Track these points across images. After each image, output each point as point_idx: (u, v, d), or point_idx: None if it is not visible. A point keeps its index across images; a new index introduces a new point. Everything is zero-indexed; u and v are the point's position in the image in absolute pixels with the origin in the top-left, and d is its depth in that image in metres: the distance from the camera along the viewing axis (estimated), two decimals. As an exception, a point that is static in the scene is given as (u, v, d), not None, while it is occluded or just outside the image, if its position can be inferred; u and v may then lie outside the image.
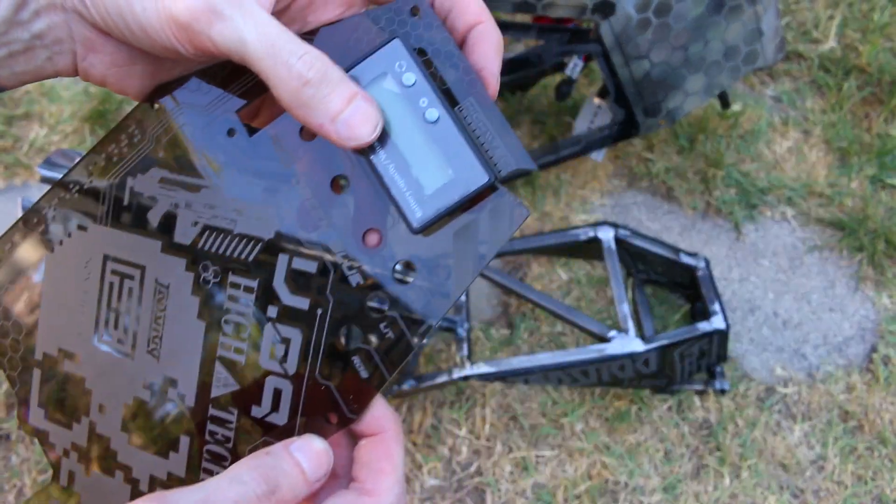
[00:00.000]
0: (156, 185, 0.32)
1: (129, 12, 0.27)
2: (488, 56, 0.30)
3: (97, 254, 0.32)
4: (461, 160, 0.28)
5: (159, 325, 0.31)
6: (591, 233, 1.25)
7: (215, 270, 0.31)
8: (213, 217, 0.31)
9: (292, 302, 0.30)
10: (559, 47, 1.25)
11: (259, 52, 0.26)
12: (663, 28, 1.16)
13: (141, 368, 0.31)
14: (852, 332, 1.36)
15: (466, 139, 0.28)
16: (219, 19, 0.26)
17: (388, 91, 0.29)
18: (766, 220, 1.50)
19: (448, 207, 0.28)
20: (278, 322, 0.30)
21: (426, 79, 0.29)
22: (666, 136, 1.58)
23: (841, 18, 1.75)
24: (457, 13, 0.30)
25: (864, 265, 1.43)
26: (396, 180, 0.29)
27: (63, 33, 0.28)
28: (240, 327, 0.30)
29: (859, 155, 1.57)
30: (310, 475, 0.28)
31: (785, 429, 1.25)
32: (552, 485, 1.18)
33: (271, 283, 0.30)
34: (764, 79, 1.71)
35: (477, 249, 0.29)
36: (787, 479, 1.21)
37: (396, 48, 0.29)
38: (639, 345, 1.13)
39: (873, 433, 1.25)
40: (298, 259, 0.30)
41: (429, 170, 0.29)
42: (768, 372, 1.31)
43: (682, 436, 1.24)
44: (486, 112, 0.29)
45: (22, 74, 0.28)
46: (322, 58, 0.27)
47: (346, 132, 0.27)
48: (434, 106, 0.29)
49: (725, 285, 1.40)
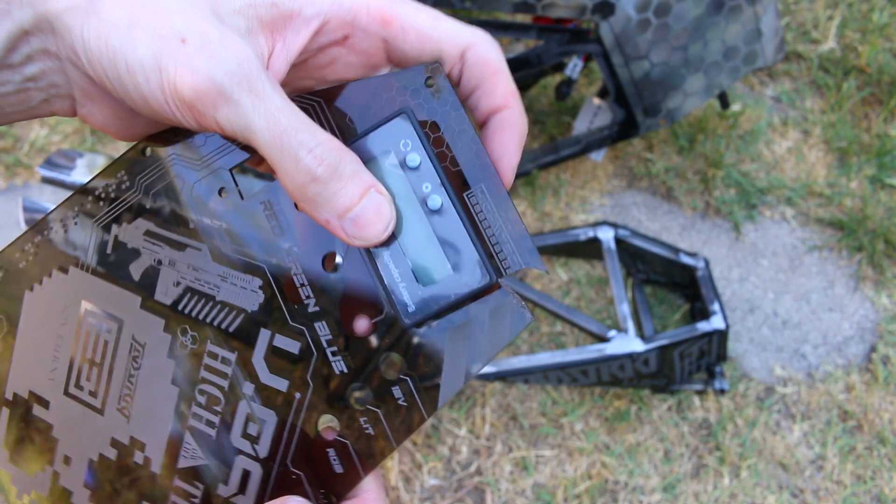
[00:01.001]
0: (140, 237, 0.30)
1: (130, 81, 0.25)
2: (508, 147, 0.27)
3: (76, 300, 0.31)
4: (462, 256, 0.26)
5: (132, 383, 0.30)
6: (590, 233, 1.25)
7: (193, 336, 0.29)
8: (196, 280, 0.29)
9: (270, 381, 0.28)
10: (559, 47, 1.25)
11: (267, 141, 0.24)
12: (663, 28, 1.17)
13: (109, 425, 0.30)
14: (852, 331, 1.36)
15: (470, 232, 0.26)
16: (226, 103, 0.24)
17: (391, 171, 0.27)
18: (765, 220, 1.50)
19: (442, 306, 0.26)
20: (253, 401, 0.28)
21: (432, 162, 0.26)
22: (665, 137, 1.58)
23: (840, 19, 1.75)
24: (483, 92, 0.28)
25: (864, 265, 1.43)
26: (391, 269, 0.27)
27: (59, 79, 0.27)
28: (213, 400, 0.29)
29: (859, 155, 1.57)
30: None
31: (784, 428, 1.25)
32: (552, 484, 1.19)
33: (250, 358, 0.28)
34: (763, 79, 1.71)
35: (471, 355, 0.26)
36: (787, 478, 1.21)
37: (402, 124, 0.27)
38: (638, 345, 1.13)
39: (872, 433, 1.25)
40: (281, 337, 0.28)
41: (426, 262, 0.26)
42: (768, 372, 1.31)
43: (681, 435, 1.24)
44: (496, 202, 0.26)
45: (13, 115, 0.27)
46: (335, 151, 0.25)
47: (354, 231, 0.25)
48: (438, 193, 0.26)
49: (725, 285, 1.40)
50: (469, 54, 0.27)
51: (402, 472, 1.18)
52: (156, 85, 0.24)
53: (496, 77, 0.27)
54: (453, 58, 0.27)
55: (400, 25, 0.27)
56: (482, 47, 0.27)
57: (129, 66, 0.24)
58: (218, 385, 0.29)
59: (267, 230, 0.28)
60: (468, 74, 0.28)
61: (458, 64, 0.28)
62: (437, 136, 0.27)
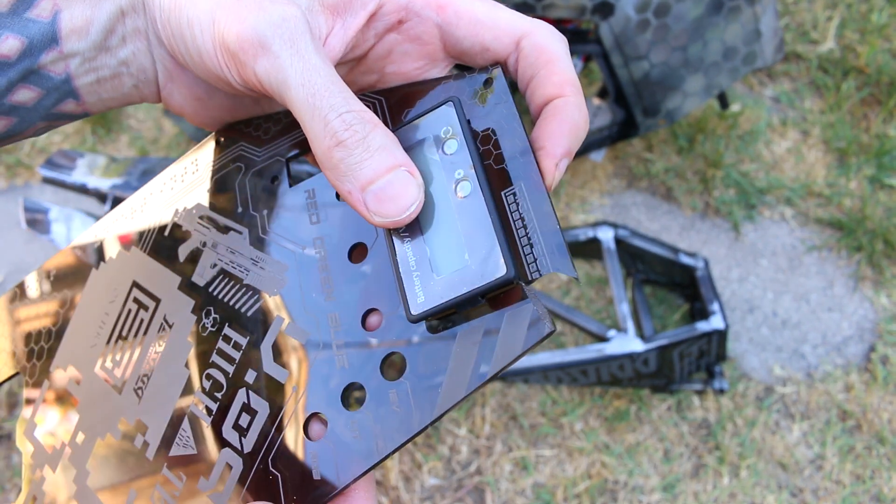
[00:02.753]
0: (195, 220, 0.31)
1: (189, 35, 0.26)
2: (554, 135, 0.25)
3: (127, 278, 0.32)
4: (483, 246, 0.24)
5: (152, 364, 0.30)
6: (590, 233, 1.26)
7: (215, 319, 0.29)
8: (231, 262, 0.29)
9: (272, 371, 0.27)
10: (559, 48, 1.25)
11: (299, 99, 0.24)
12: (662, 29, 1.17)
13: (123, 405, 0.30)
14: (851, 331, 1.36)
15: (495, 223, 0.24)
16: (266, 54, 0.24)
17: (427, 157, 0.26)
18: (764, 220, 1.50)
19: (454, 299, 0.24)
20: (252, 389, 0.27)
21: (469, 149, 0.25)
22: (665, 137, 1.59)
23: (839, 19, 1.76)
24: (539, 81, 0.26)
25: (863, 265, 1.43)
26: (408, 258, 0.25)
27: (147, 61, 0.28)
28: (216, 385, 0.28)
29: (858, 155, 1.57)
30: None
31: (784, 428, 1.26)
32: (552, 484, 1.19)
33: (259, 344, 0.27)
34: (763, 79, 1.71)
35: (479, 361, 0.24)
36: (786, 478, 1.21)
37: (447, 112, 0.26)
38: (638, 344, 1.13)
39: (871, 432, 1.25)
40: (293, 325, 0.27)
41: (445, 251, 0.25)
42: (767, 371, 1.31)
43: (681, 435, 1.24)
44: (533, 202, 0.24)
45: (109, 101, 0.28)
46: (367, 120, 0.24)
47: (375, 206, 0.24)
48: (469, 180, 0.25)
49: (724, 285, 1.40)
50: (524, 42, 0.27)
51: (402, 471, 1.18)
52: (209, 36, 0.25)
53: (552, 65, 0.26)
54: (508, 46, 0.27)
55: (454, 11, 0.27)
56: (540, 35, 0.26)
57: (190, 20, 0.25)
58: (224, 370, 0.28)
59: (304, 219, 0.28)
60: (524, 64, 0.27)
61: (514, 53, 0.27)
62: (486, 132, 0.26)
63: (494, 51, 0.27)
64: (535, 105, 0.27)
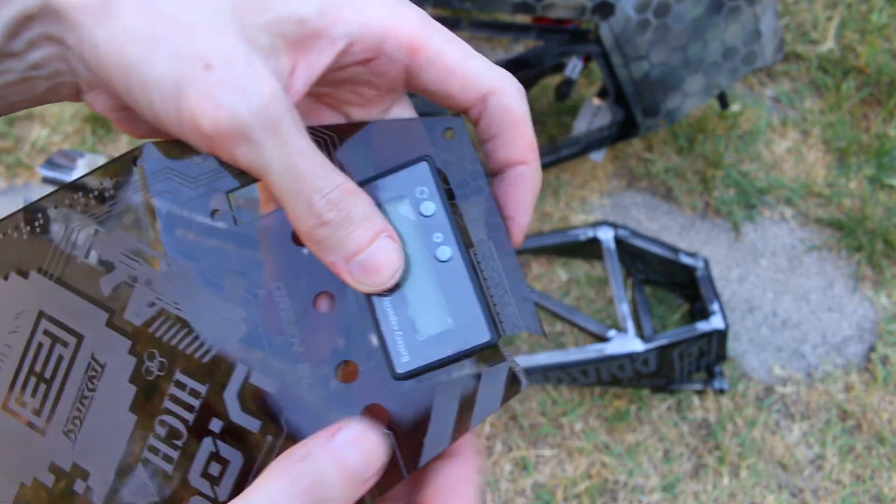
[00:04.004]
0: (118, 252, 0.28)
1: (143, 96, 0.23)
2: (521, 205, 0.26)
3: (31, 307, 0.28)
4: (465, 311, 0.25)
5: (84, 405, 0.27)
6: (590, 233, 1.26)
7: (161, 363, 0.27)
8: (173, 303, 0.27)
9: (241, 420, 0.26)
10: (559, 48, 1.25)
11: (282, 184, 0.23)
12: (662, 29, 1.17)
13: (51, 448, 0.28)
14: (851, 331, 1.36)
15: (476, 288, 0.25)
16: (246, 143, 0.23)
17: (403, 217, 0.26)
18: (764, 220, 1.50)
19: (439, 360, 0.25)
20: (219, 439, 0.26)
21: (446, 212, 0.26)
22: (665, 137, 1.59)
23: (839, 19, 1.76)
24: (502, 142, 0.27)
25: (863, 265, 1.43)
26: (389, 316, 0.25)
27: (63, 66, 0.25)
28: (175, 433, 0.27)
29: (858, 155, 1.57)
30: (363, 473, 0.23)
31: (784, 428, 1.26)
32: (552, 484, 1.19)
33: (222, 392, 0.26)
34: (763, 79, 1.71)
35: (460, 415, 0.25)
36: (786, 478, 1.21)
37: (423, 171, 0.26)
38: (638, 344, 1.13)
39: (871, 432, 1.25)
40: (258, 374, 0.26)
41: (427, 313, 0.25)
42: (767, 371, 1.31)
43: (681, 435, 1.24)
44: (503, 261, 0.26)
45: (20, 103, 0.26)
46: (349, 196, 0.24)
47: (361, 276, 0.25)
48: (448, 244, 0.26)
49: (724, 285, 1.40)
50: (492, 100, 0.26)
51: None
52: (172, 108, 0.23)
53: (518, 129, 0.26)
54: (474, 100, 0.26)
55: (426, 57, 0.26)
56: (507, 95, 0.26)
57: (144, 83, 0.23)
58: (181, 417, 0.26)
59: (258, 260, 0.27)
60: (488, 121, 0.27)
61: (479, 107, 0.26)
62: (448, 188, 0.26)
63: (459, 101, 0.26)
64: (496, 163, 0.27)
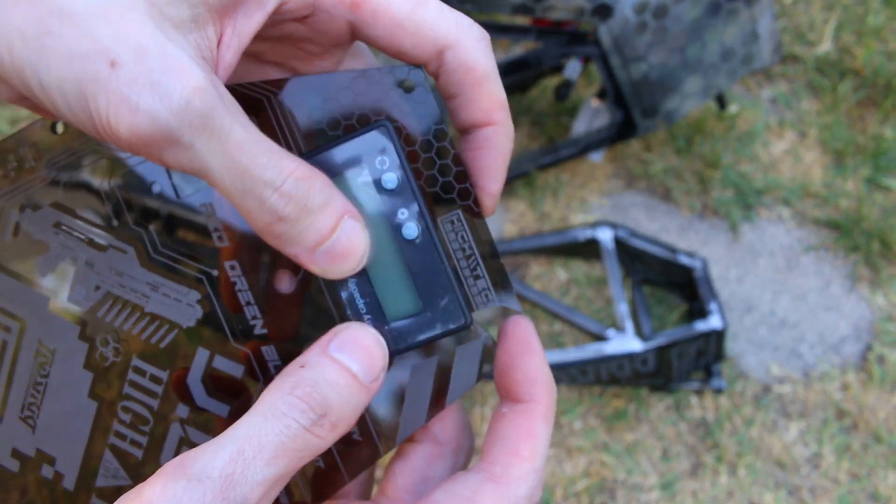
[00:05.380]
0: (49, 229, 0.25)
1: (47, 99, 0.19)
2: (490, 170, 0.24)
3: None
4: (435, 292, 0.23)
5: (38, 392, 0.26)
6: (589, 233, 1.26)
7: (116, 349, 0.25)
8: (119, 286, 0.25)
9: (208, 405, 0.25)
10: (558, 49, 1.26)
11: (226, 183, 0.20)
12: (661, 30, 1.18)
13: (10, 434, 0.27)
14: (848, 331, 1.37)
15: (445, 267, 0.23)
16: (174, 146, 0.19)
17: (363, 190, 0.23)
18: (762, 220, 1.51)
19: (409, 345, 0.24)
20: (188, 424, 0.25)
21: (410, 184, 0.23)
22: (664, 138, 1.59)
23: (836, 21, 1.76)
24: (463, 101, 0.24)
25: (860, 265, 1.44)
26: (355, 299, 0.23)
27: None
28: (140, 419, 0.25)
29: (854, 156, 1.58)
30: (364, 377, 0.22)
31: (781, 427, 1.26)
32: (551, 483, 1.19)
33: (185, 378, 0.25)
34: (760, 81, 1.72)
35: (435, 393, 0.24)
36: (783, 476, 1.22)
37: (379, 137, 0.23)
38: (637, 344, 1.14)
39: (868, 431, 1.26)
40: (221, 358, 0.25)
41: (394, 296, 0.23)
42: (765, 371, 1.32)
43: (679, 434, 1.25)
44: (473, 231, 0.24)
45: None
46: (304, 183, 0.21)
47: (326, 264, 0.22)
48: (414, 220, 0.23)
49: (723, 285, 1.41)
50: (449, 55, 0.23)
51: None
52: (82, 113, 0.19)
53: (481, 86, 0.23)
54: (429, 55, 0.23)
55: (371, 10, 0.23)
56: (465, 48, 0.23)
57: (44, 86, 0.19)
58: (145, 404, 0.25)
59: (207, 237, 0.25)
60: (447, 79, 0.23)
61: (436, 62, 0.23)
62: (412, 150, 0.24)
63: (413, 57, 0.23)
64: (460, 124, 0.24)
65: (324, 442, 0.21)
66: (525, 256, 1.42)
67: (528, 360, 0.25)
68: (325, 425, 0.21)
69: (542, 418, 0.24)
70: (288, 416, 0.20)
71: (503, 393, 0.25)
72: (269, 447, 0.20)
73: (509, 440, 0.24)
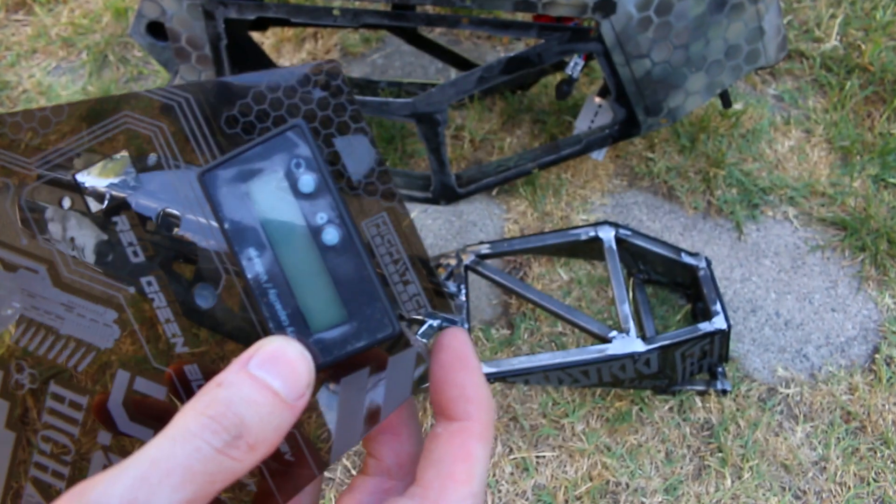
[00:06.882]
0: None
1: None
2: None
3: None
4: (360, 300, 0.22)
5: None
6: (591, 232, 1.25)
7: (32, 375, 0.24)
8: (32, 307, 0.24)
9: (131, 430, 0.24)
10: (559, 46, 1.24)
11: None
12: (664, 27, 1.16)
13: None
14: (854, 332, 1.35)
15: (372, 273, 0.22)
16: None
17: (278, 195, 0.22)
18: (767, 219, 1.49)
19: (336, 357, 0.22)
20: (111, 452, 0.24)
21: (328, 187, 0.22)
22: (667, 136, 1.58)
23: (843, 17, 1.74)
24: None
25: (867, 265, 1.42)
26: (277, 309, 0.22)
27: None
28: (61, 448, 0.24)
29: (861, 154, 1.56)
30: (287, 395, 0.20)
31: (787, 429, 1.25)
32: (553, 486, 1.18)
33: (105, 403, 0.24)
34: (766, 77, 1.70)
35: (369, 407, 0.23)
36: (789, 479, 1.20)
37: (294, 139, 0.22)
38: (640, 345, 1.12)
39: (876, 434, 1.24)
40: (143, 379, 0.24)
41: (318, 306, 0.22)
42: (770, 372, 1.30)
43: (683, 436, 1.23)
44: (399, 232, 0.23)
45: None
46: None
47: None
48: (335, 226, 0.22)
49: (727, 285, 1.39)
50: None
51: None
52: None
53: None
54: None
55: None
56: None
57: None
58: (66, 432, 0.24)
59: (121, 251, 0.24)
60: None
61: None
62: (332, 150, 0.23)
63: None
64: None
65: (241, 465, 0.19)
66: (526, 256, 1.40)
67: (463, 376, 0.24)
68: (241, 447, 0.19)
69: (479, 438, 0.23)
70: (199, 438, 0.19)
71: (437, 410, 0.24)
72: (177, 471, 0.18)
73: (444, 462, 0.22)
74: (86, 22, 1.79)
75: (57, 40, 1.76)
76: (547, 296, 1.24)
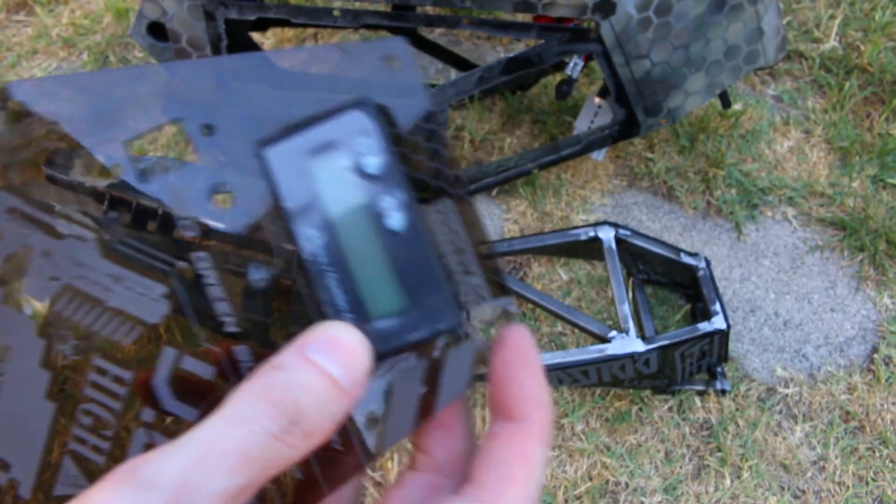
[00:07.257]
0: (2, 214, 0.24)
1: None
2: None
3: None
4: (422, 290, 0.21)
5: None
6: (591, 232, 1.25)
7: (76, 346, 0.24)
8: (79, 278, 0.23)
9: (175, 409, 0.23)
10: (559, 47, 1.25)
11: None
12: (664, 27, 1.16)
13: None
14: (853, 332, 1.35)
15: (434, 262, 0.21)
16: None
17: (341, 175, 0.21)
18: (767, 220, 1.49)
19: (395, 348, 0.22)
20: (154, 429, 0.23)
21: (395, 171, 0.21)
22: (667, 136, 1.58)
23: (842, 18, 1.75)
24: None
25: (866, 265, 1.43)
26: (335, 295, 0.21)
27: None
28: (102, 423, 0.24)
29: (860, 155, 1.56)
30: (345, 382, 0.20)
31: (786, 429, 1.25)
32: (552, 485, 1.18)
33: (150, 379, 0.23)
34: (765, 78, 1.70)
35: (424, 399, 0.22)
36: (789, 479, 1.20)
37: (361, 118, 0.21)
38: (639, 345, 1.12)
39: (874, 434, 1.24)
40: (189, 358, 0.23)
41: (378, 293, 0.21)
42: (769, 372, 1.31)
43: (682, 436, 1.23)
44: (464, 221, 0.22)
45: None
46: None
47: None
48: (401, 210, 0.21)
49: (726, 285, 1.40)
50: None
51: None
52: None
53: None
54: None
55: None
56: None
57: None
58: (107, 406, 0.24)
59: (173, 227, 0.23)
60: None
61: None
62: (396, 132, 0.22)
63: None
64: None
65: (295, 451, 0.19)
66: (526, 256, 1.40)
67: (525, 375, 0.23)
68: (297, 433, 0.18)
69: (538, 440, 0.22)
70: (255, 422, 0.18)
71: (495, 408, 0.23)
72: (231, 455, 0.18)
73: (502, 463, 0.22)
74: (87, 22, 1.79)
75: (58, 41, 1.76)
76: (547, 296, 1.24)
